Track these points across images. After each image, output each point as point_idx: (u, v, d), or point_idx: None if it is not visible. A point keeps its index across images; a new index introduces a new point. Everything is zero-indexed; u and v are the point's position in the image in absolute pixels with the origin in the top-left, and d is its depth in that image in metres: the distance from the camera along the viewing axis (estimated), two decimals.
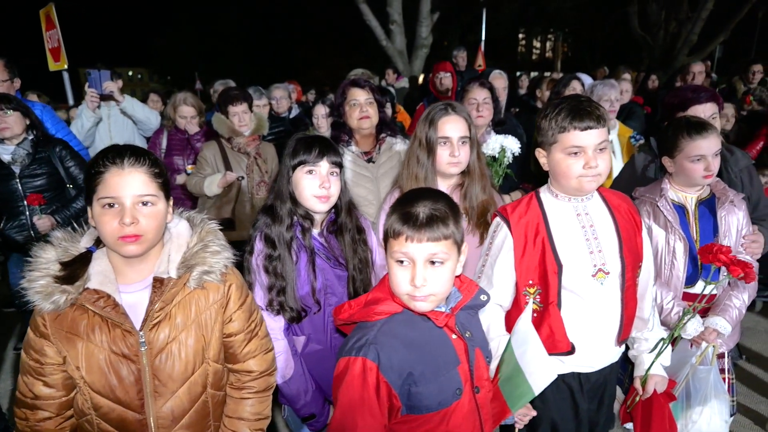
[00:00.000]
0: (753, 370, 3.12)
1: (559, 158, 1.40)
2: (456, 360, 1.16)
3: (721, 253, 1.44)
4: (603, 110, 1.38)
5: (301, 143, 1.53)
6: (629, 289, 1.46)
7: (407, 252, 1.09)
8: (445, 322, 1.15)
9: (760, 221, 2.05)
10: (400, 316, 1.14)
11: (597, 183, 1.40)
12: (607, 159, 1.39)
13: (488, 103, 2.56)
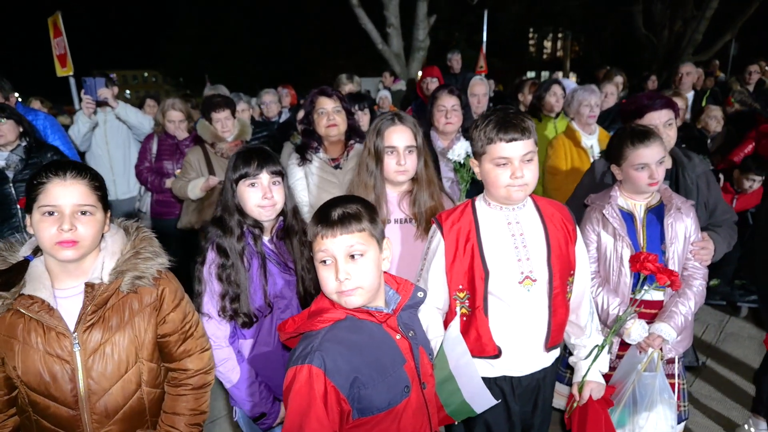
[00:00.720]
0: (730, 375, 3.11)
1: (488, 168, 1.45)
2: (402, 359, 1.22)
3: (648, 261, 1.48)
4: (529, 122, 1.42)
5: (240, 157, 1.59)
6: (557, 297, 1.50)
7: (326, 249, 1.15)
8: (385, 320, 1.21)
9: (716, 227, 2.08)
10: (343, 323, 1.18)
11: (524, 192, 1.45)
12: (533, 169, 1.43)
13: (457, 110, 2.61)
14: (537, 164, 1.46)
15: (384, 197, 1.83)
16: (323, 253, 1.16)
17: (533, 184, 1.45)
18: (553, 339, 1.53)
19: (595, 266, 1.96)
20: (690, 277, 1.88)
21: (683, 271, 1.90)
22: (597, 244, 1.94)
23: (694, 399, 2.88)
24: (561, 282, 1.50)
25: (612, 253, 1.90)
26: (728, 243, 2.05)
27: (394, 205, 1.84)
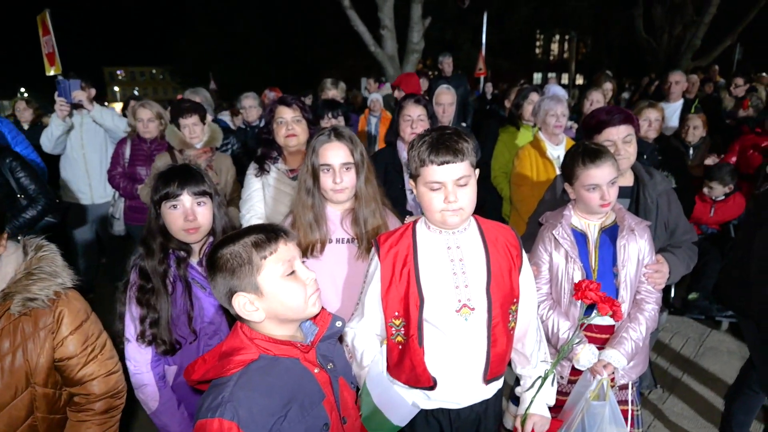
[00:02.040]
0: (705, 392, 3.04)
1: (422, 191, 1.39)
2: (321, 394, 1.17)
3: (589, 290, 1.42)
4: (465, 144, 1.34)
5: (161, 178, 1.54)
6: (497, 327, 1.42)
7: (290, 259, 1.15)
8: (306, 352, 1.16)
9: (675, 248, 2.01)
10: (256, 364, 1.11)
11: (460, 217, 1.37)
12: (469, 193, 1.36)
13: (423, 119, 2.55)
14: (474, 188, 1.38)
15: (324, 217, 1.76)
16: (289, 262, 1.16)
17: (470, 209, 1.38)
18: (492, 371, 1.45)
19: (547, 287, 1.91)
20: (642, 301, 1.82)
21: (636, 295, 1.84)
22: (549, 265, 1.88)
23: (665, 417, 2.82)
24: (501, 311, 1.42)
25: (563, 274, 1.84)
26: (687, 264, 1.98)
27: (336, 225, 1.78)
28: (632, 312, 1.81)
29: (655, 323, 1.83)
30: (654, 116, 2.95)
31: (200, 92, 4.66)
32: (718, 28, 11.54)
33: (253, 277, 1.11)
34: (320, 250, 1.75)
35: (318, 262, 1.73)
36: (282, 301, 1.13)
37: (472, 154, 1.36)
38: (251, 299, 1.12)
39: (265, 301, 1.12)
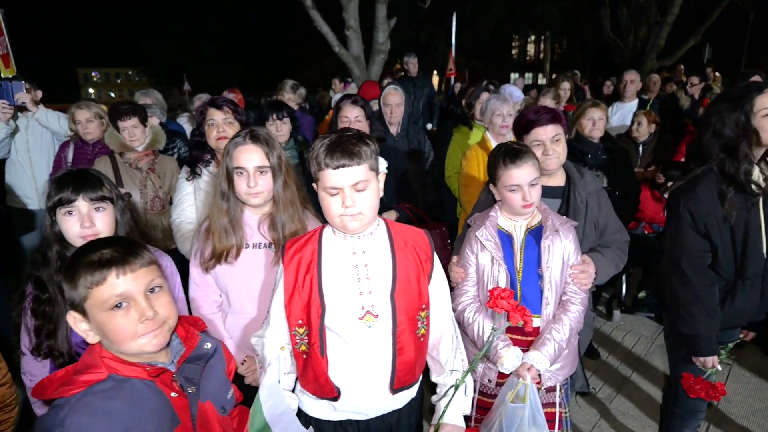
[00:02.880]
0: (653, 390, 3.06)
1: (322, 196, 1.34)
2: (174, 420, 1.09)
3: (501, 298, 1.37)
4: (364, 148, 1.29)
5: (54, 183, 1.47)
6: (403, 335, 1.38)
7: (122, 293, 1.03)
8: (157, 375, 1.08)
9: (605, 248, 2.00)
10: (102, 385, 1.03)
11: (360, 222, 1.32)
12: (368, 197, 1.31)
13: (361, 120, 2.51)
14: (374, 192, 1.34)
15: (240, 221, 1.71)
16: (118, 298, 1.03)
17: (370, 213, 1.34)
18: (400, 380, 1.41)
19: (474, 289, 1.88)
20: (568, 302, 1.80)
21: (562, 296, 1.82)
22: (476, 266, 1.86)
23: (611, 416, 2.83)
24: (407, 318, 1.38)
25: (489, 276, 1.81)
26: (616, 264, 1.98)
27: (253, 229, 1.72)
28: (557, 313, 1.80)
29: (580, 324, 1.82)
30: (597, 115, 2.96)
31: (151, 94, 4.56)
32: (684, 29, 11.80)
33: (79, 299, 1.03)
34: (235, 255, 1.69)
35: (232, 268, 1.68)
36: (105, 333, 1.05)
37: (371, 158, 1.31)
38: (79, 319, 1.05)
39: (93, 327, 1.05)
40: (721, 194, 1.81)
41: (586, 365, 3.33)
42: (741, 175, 1.80)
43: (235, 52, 30.48)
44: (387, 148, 2.65)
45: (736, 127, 1.80)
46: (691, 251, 1.89)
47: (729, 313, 1.94)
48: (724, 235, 1.87)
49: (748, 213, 1.84)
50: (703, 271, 1.89)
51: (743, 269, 1.88)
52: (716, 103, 1.91)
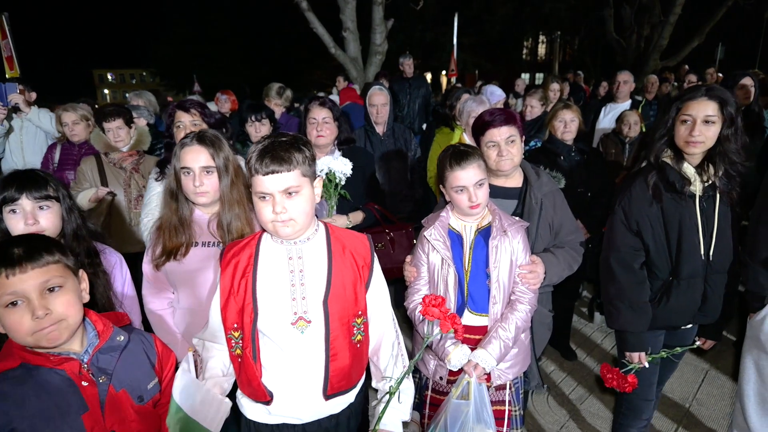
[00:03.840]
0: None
1: (255, 201, 1.36)
2: (83, 407, 1.15)
3: (432, 306, 1.39)
4: (295, 154, 1.30)
5: (1, 183, 1.53)
6: (336, 341, 1.38)
7: (15, 292, 1.09)
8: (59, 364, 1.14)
9: (558, 248, 2.03)
10: (13, 372, 1.11)
11: (292, 228, 1.33)
12: (300, 203, 1.32)
13: (329, 122, 2.55)
14: (307, 198, 1.34)
15: (189, 220, 1.76)
16: (10, 296, 1.09)
17: (302, 220, 1.34)
18: (333, 386, 1.42)
19: (426, 289, 1.92)
20: (516, 301, 1.83)
21: (511, 295, 1.85)
22: (427, 266, 1.89)
23: (581, 417, 2.84)
24: (341, 324, 1.39)
25: (438, 275, 1.85)
26: (569, 265, 2.00)
27: (202, 228, 1.78)
28: (505, 312, 1.82)
29: (527, 323, 1.84)
30: (569, 117, 2.97)
31: (144, 95, 4.66)
32: (689, 29, 11.65)
33: None
34: (184, 253, 1.74)
35: (181, 266, 1.73)
36: (4, 328, 1.12)
37: (304, 164, 1.32)
38: None
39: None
40: (647, 183, 1.86)
41: (563, 366, 3.35)
42: (666, 169, 1.84)
43: (244, 53, 30.78)
44: (355, 149, 2.69)
45: (664, 124, 1.85)
46: (620, 248, 1.93)
47: (665, 312, 1.95)
48: (657, 234, 1.89)
49: (682, 213, 1.86)
50: (630, 269, 1.92)
51: (678, 269, 1.90)
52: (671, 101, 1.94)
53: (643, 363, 2.02)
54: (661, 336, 2.10)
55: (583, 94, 8.46)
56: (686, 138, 1.79)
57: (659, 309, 1.97)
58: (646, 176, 1.90)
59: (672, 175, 1.85)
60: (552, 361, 3.41)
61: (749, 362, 2.00)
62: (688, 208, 1.87)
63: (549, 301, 2.17)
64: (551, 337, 3.50)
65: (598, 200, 2.98)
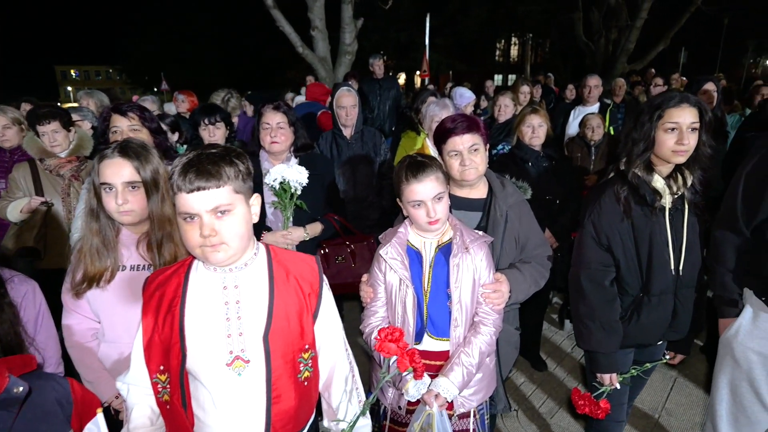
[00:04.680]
0: None
1: (180, 223, 1.17)
2: None
3: (389, 341, 1.22)
4: (225, 168, 1.12)
5: None
6: (280, 380, 1.22)
7: None
8: None
9: (524, 264, 1.91)
10: None
11: (225, 253, 1.15)
12: (231, 224, 1.15)
13: (283, 127, 2.38)
14: (241, 218, 1.17)
15: (112, 241, 1.55)
16: None
17: (237, 243, 1.17)
18: (277, 431, 1.26)
19: (383, 311, 1.77)
20: (479, 323, 1.70)
21: (475, 316, 1.72)
22: (384, 286, 1.75)
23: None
24: (285, 362, 1.23)
25: (396, 296, 1.70)
26: (535, 281, 1.88)
27: (130, 250, 1.58)
28: (468, 335, 1.69)
29: (492, 346, 1.71)
30: (537, 122, 2.87)
31: (95, 95, 4.38)
32: (656, 33, 11.89)
33: None
34: (108, 279, 1.54)
35: (105, 293, 1.53)
36: None
37: (236, 179, 1.14)
38: None
39: None
40: (618, 197, 1.77)
41: (533, 378, 3.26)
42: (635, 180, 1.76)
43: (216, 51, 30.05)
44: (313, 156, 2.53)
45: (642, 134, 1.75)
46: (591, 265, 1.83)
47: (635, 329, 1.87)
48: (627, 249, 1.81)
49: (653, 226, 1.78)
50: (602, 286, 1.83)
51: (649, 285, 1.82)
52: (641, 108, 1.85)
53: (615, 384, 1.92)
54: (630, 354, 2.01)
55: (554, 96, 8.49)
56: (674, 147, 1.70)
57: (630, 327, 1.89)
58: (615, 188, 1.81)
59: (643, 188, 1.77)
60: (522, 372, 3.31)
61: (723, 382, 1.93)
62: (658, 222, 1.79)
63: (516, 319, 2.05)
64: (521, 347, 3.47)
65: (565, 208, 2.89)
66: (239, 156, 1.20)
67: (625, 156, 1.83)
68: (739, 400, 1.88)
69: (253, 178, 2.38)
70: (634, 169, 1.78)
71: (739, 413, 1.90)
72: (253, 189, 2.41)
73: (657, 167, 1.79)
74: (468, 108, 4.53)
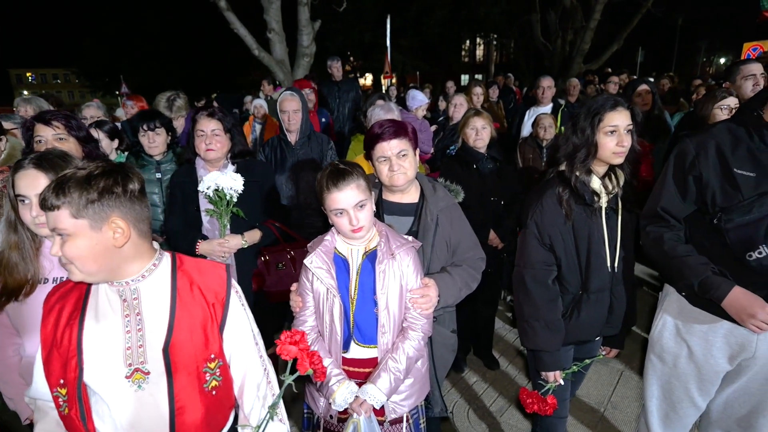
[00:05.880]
0: None
1: None
2: None
3: (290, 343, 1.21)
4: (73, 191, 1.07)
5: None
6: (183, 392, 1.21)
7: None
8: None
9: (455, 267, 1.92)
10: None
11: (79, 273, 1.12)
12: (71, 248, 1.08)
13: (219, 134, 2.33)
14: (81, 243, 1.09)
15: (32, 254, 1.51)
16: None
17: (84, 265, 1.10)
18: None
19: (312, 319, 1.75)
20: (408, 328, 1.70)
21: (403, 322, 1.72)
22: (312, 294, 1.73)
23: (500, 430, 2.78)
24: (188, 373, 1.22)
25: (324, 305, 1.69)
26: (466, 283, 1.90)
27: (53, 262, 1.54)
28: (396, 341, 1.69)
29: (421, 352, 1.72)
30: (480, 124, 2.91)
31: (34, 101, 4.18)
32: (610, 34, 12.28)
33: None
34: (27, 292, 1.50)
35: (25, 306, 1.50)
36: None
37: (77, 205, 1.07)
38: None
39: None
40: (560, 199, 1.82)
41: (485, 376, 3.30)
42: (576, 183, 1.80)
43: (178, 53, 29.32)
44: (252, 162, 2.49)
45: (582, 136, 1.80)
46: (535, 264, 1.87)
47: (575, 326, 1.92)
48: (568, 248, 1.86)
49: (591, 226, 1.83)
50: (545, 285, 1.87)
51: (587, 283, 1.87)
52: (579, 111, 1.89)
53: (559, 381, 1.97)
54: (571, 350, 2.06)
55: (514, 96, 8.65)
56: (614, 149, 1.77)
57: (570, 324, 1.93)
58: (557, 190, 1.85)
59: (583, 190, 1.82)
60: (474, 371, 3.35)
61: (652, 378, 2.00)
62: (595, 222, 1.86)
63: (453, 321, 2.07)
64: (474, 347, 3.51)
65: (511, 209, 2.94)
66: (95, 175, 1.10)
67: (565, 159, 1.87)
68: (668, 396, 1.95)
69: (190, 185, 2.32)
70: (576, 173, 1.82)
71: (669, 409, 1.96)
72: (190, 197, 2.36)
73: (594, 168, 1.85)
74: (420, 110, 4.57)
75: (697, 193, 1.70)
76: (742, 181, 1.58)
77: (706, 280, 1.62)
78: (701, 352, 1.76)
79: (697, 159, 1.68)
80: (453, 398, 3.08)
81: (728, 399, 1.84)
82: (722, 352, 1.72)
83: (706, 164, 1.66)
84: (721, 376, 1.78)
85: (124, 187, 1.14)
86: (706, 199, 1.66)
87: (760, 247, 1.50)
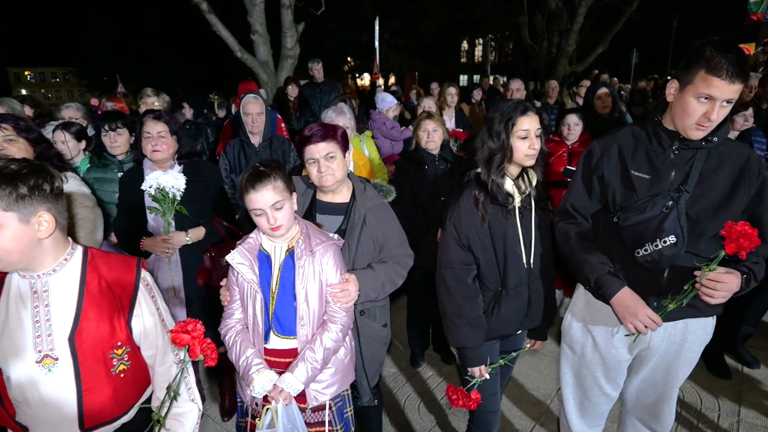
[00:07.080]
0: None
1: None
2: None
3: (182, 332, 1.29)
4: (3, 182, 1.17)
5: None
6: (89, 375, 1.34)
7: None
8: None
9: (381, 264, 2.02)
10: None
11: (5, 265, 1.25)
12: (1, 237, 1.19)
13: (165, 136, 2.43)
14: (6, 235, 1.19)
15: None
16: None
17: (6, 257, 1.22)
18: (91, 419, 1.38)
19: (239, 312, 1.85)
20: (327, 321, 1.80)
21: (324, 315, 1.82)
22: (238, 288, 1.83)
23: (448, 422, 2.87)
24: (95, 359, 1.35)
25: (248, 299, 1.79)
26: (390, 279, 1.99)
27: None
28: (316, 333, 1.79)
29: (340, 342, 1.81)
30: (431, 127, 3.01)
31: (6, 102, 4.28)
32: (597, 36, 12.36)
33: None
34: None
35: None
36: None
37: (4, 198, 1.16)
38: None
39: None
40: (476, 201, 1.89)
41: (441, 371, 3.39)
42: (492, 185, 1.88)
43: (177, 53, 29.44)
44: (199, 163, 2.58)
45: (498, 141, 1.87)
46: (454, 264, 1.95)
47: (497, 321, 2.00)
48: (485, 247, 1.93)
49: (506, 225, 1.91)
50: (465, 284, 1.95)
51: (506, 279, 1.95)
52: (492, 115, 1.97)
53: (485, 375, 2.04)
54: (496, 345, 2.14)
55: (500, 97, 8.73)
56: (527, 152, 1.84)
57: (492, 319, 2.01)
58: (474, 192, 1.92)
59: (497, 191, 1.90)
60: (431, 366, 3.45)
61: (566, 367, 2.09)
62: (510, 221, 1.93)
63: (385, 316, 2.15)
64: (434, 342, 3.60)
65: None
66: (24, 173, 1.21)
67: (482, 162, 1.95)
68: (580, 384, 2.04)
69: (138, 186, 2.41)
70: (492, 176, 1.90)
71: (583, 396, 2.06)
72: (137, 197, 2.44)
73: (508, 171, 1.93)
74: (390, 112, 4.66)
75: (601, 192, 1.79)
76: (638, 182, 1.67)
77: (601, 278, 1.71)
78: (604, 342, 1.85)
79: (601, 160, 1.78)
80: (406, 391, 3.18)
81: (638, 389, 1.94)
82: (622, 343, 1.81)
83: (609, 165, 1.75)
84: (625, 366, 1.87)
85: (51, 184, 1.26)
86: (608, 198, 1.75)
87: (647, 245, 1.60)
